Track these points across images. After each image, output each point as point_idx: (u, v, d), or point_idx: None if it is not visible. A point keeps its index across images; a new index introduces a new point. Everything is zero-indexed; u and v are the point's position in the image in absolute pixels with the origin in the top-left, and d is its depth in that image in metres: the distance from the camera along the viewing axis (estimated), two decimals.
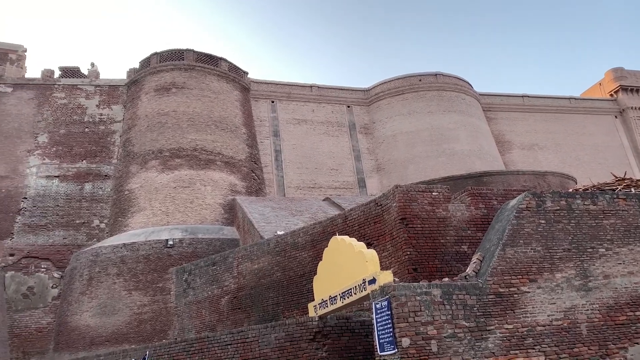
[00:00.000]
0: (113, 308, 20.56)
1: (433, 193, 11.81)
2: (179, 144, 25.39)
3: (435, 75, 32.94)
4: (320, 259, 10.86)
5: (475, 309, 8.37)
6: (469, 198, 11.86)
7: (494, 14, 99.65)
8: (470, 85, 34.66)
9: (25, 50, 33.22)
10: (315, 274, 11.09)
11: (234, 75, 29.20)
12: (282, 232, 17.38)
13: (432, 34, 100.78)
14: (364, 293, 8.77)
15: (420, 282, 8.58)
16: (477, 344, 8.12)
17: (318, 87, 32.10)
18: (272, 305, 15.83)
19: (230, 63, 29.39)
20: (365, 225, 13.09)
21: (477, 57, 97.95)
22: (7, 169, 25.61)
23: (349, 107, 32.21)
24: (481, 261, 9.31)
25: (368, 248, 9.23)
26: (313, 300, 11.02)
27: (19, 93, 27.68)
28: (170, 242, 21.70)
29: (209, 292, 18.94)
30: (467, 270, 9.17)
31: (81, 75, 29.29)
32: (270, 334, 11.05)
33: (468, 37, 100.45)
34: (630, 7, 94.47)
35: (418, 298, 8.11)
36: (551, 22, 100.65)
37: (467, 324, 8.18)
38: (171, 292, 20.59)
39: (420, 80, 32.55)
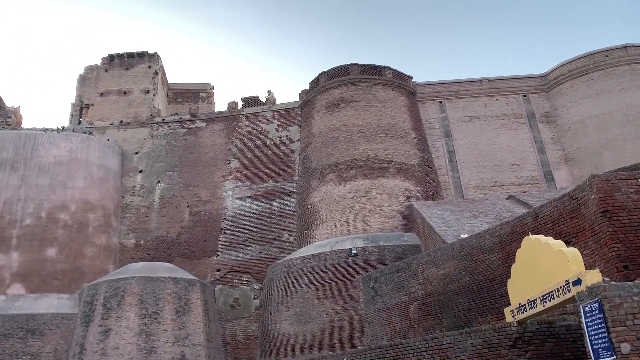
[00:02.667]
0: (308, 316, 21.80)
1: (639, 180, 10.39)
2: (352, 155, 26.17)
3: (625, 47, 29.12)
4: (511, 261, 10.23)
5: None
6: None
7: None
8: None
9: (213, 88, 37.42)
10: (507, 277, 10.46)
11: (399, 81, 29.27)
12: (466, 235, 16.78)
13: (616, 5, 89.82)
14: (568, 295, 8.01)
15: (636, 281, 7.56)
16: None
17: (488, 80, 30.58)
18: (463, 311, 15.34)
19: (394, 70, 29.53)
20: (559, 222, 12.02)
21: None
22: (208, 194, 28.90)
23: (525, 96, 30.09)
24: None
25: (567, 246, 8.44)
26: (508, 304, 10.39)
27: (211, 126, 31.14)
28: (354, 251, 22.36)
29: (397, 299, 19.05)
30: None
31: (260, 103, 31.93)
32: (465, 340, 10.68)
33: None
34: None
35: (636, 299, 7.15)
36: None
37: None
38: (360, 300, 21.17)
39: (606, 56, 29.06)
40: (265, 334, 23.47)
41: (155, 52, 34.05)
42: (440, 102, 30.19)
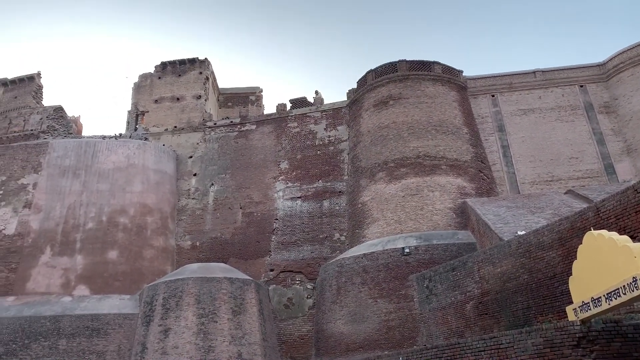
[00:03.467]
0: (362, 316, 21.74)
1: None
2: (402, 153, 25.90)
3: None
4: (572, 258, 9.86)
5: None
6: None
7: None
8: None
9: (261, 91, 37.96)
10: (568, 274, 10.09)
11: (449, 76, 28.74)
12: (523, 232, 16.29)
13: None
14: (636, 293, 7.64)
15: None
16: None
17: (542, 71, 29.55)
18: (522, 310, 14.89)
19: (444, 65, 29.02)
20: (623, 216, 11.46)
21: None
22: (260, 196, 29.32)
23: (581, 86, 28.89)
24: None
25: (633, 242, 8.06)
26: (569, 303, 10.01)
27: (261, 128, 31.58)
28: (407, 250, 22.12)
29: (452, 298, 18.72)
30: None
31: (308, 104, 32.10)
32: (526, 339, 10.37)
33: None
34: None
35: None
36: None
37: None
38: (414, 299, 20.93)
39: None
40: (319, 333, 23.57)
41: (206, 58, 34.84)
42: (493, 95, 29.42)
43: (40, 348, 22.04)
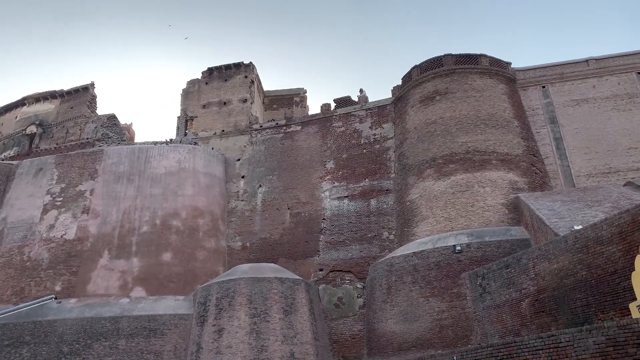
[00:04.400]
0: (414, 315, 21.49)
1: None
2: (450, 149, 25.45)
3: None
4: (634, 253, 9.46)
5: None
6: None
7: None
8: None
9: (306, 92, 38.12)
10: (630, 269, 9.67)
11: (497, 68, 28.02)
12: (580, 227, 15.70)
13: None
14: None
15: None
16: None
17: (595, 59, 28.37)
18: (581, 307, 14.34)
19: (491, 57, 28.32)
20: None
21: None
22: (306, 196, 29.47)
23: (639, 73, 27.57)
24: None
25: None
26: (633, 299, 9.60)
27: (306, 129, 31.73)
28: (458, 248, 21.71)
29: (507, 296, 18.25)
30: None
31: (352, 103, 32.02)
32: (586, 338, 9.98)
33: None
34: None
35: None
36: None
37: None
38: (467, 297, 20.52)
39: None
40: (371, 332, 23.47)
41: (251, 62, 35.33)
42: (543, 87, 28.48)
43: (102, 348, 22.90)
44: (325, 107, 32.31)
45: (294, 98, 37.94)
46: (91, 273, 26.00)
